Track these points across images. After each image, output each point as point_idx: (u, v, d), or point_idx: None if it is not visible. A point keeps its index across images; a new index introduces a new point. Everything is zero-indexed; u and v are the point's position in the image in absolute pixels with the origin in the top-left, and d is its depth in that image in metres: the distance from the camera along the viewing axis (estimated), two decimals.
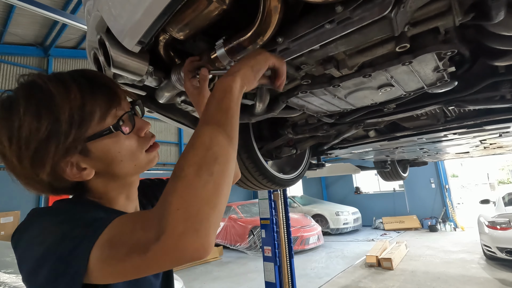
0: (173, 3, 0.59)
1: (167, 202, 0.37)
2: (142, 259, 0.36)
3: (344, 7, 0.56)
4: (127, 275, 0.40)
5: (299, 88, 0.87)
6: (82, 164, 0.51)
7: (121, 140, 0.54)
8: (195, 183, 0.38)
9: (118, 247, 0.38)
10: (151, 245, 0.36)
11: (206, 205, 0.37)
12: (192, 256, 0.36)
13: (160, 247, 0.35)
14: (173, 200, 0.37)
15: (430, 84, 0.86)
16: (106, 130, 0.51)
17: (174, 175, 0.41)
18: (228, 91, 0.49)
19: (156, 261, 0.36)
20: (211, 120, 0.45)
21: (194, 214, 0.36)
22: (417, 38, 0.67)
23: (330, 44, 0.66)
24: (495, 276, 4.78)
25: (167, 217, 0.36)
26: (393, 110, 1.17)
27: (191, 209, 0.36)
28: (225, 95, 0.48)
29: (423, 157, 3.19)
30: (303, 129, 1.43)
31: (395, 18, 0.55)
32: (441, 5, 0.58)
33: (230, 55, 0.72)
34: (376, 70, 0.74)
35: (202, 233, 0.36)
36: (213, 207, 0.38)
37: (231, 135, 0.44)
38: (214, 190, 0.39)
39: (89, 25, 0.82)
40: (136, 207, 0.66)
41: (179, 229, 0.35)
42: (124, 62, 0.75)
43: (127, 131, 0.54)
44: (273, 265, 3.18)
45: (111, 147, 0.53)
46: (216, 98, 0.49)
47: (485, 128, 1.47)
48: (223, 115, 0.46)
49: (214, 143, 0.42)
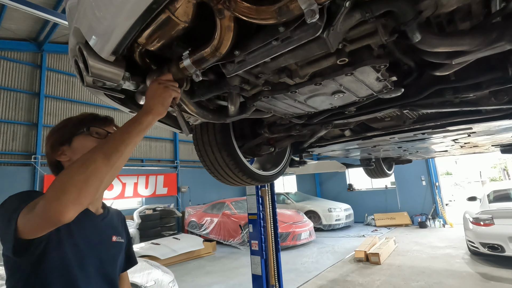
0: (138, 22, 0.68)
1: (53, 184, 0.61)
2: (34, 216, 0.61)
3: (285, 27, 0.66)
4: (36, 228, 0.63)
5: (261, 93, 0.97)
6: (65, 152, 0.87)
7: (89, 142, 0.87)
8: (71, 174, 0.61)
9: (28, 210, 0.63)
10: (38, 206, 0.61)
11: (73, 188, 0.59)
12: (54, 213, 0.58)
13: (40, 206, 0.60)
14: (55, 182, 0.61)
15: (378, 91, 0.96)
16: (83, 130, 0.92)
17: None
18: (139, 123, 0.72)
19: (40, 216, 0.60)
20: (115, 135, 0.70)
21: (61, 190, 0.59)
22: (355, 53, 0.77)
23: (279, 57, 0.76)
24: (477, 270, 4.95)
25: (48, 190, 0.60)
26: (354, 113, 1.28)
27: (61, 187, 0.59)
28: (133, 127, 0.71)
29: (405, 155, 3.31)
30: (278, 129, 1.53)
31: (328, 38, 0.65)
32: (368, 27, 0.68)
33: (195, 65, 0.82)
34: (325, 79, 0.84)
35: (65, 202, 0.58)
36: (76, 191, 0.59)
37: (111, 159, 0.65)
38: (79, 183, 0.60)
39: (70, 35, 0.91)
40: (98, 209, 0.91)
41: (49, 195, 0.59)
42: (101, 69, 0.84)
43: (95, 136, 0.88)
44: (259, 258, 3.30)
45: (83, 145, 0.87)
46: (131, 120, 0.73)
47: (448, 128, 1.58)
48: (115, 144, 0.68)
49: (100, 151, 0.66)
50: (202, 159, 1.73)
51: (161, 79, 0.80)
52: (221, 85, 0.93)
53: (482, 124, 1.46)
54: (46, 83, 8.96)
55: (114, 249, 0.90)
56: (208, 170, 1.77)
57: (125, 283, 1.02)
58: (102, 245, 0.87)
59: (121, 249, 0.94)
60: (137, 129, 0.71)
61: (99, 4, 0.71)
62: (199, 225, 9.25)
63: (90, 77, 0.88)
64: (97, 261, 0.83)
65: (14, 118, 8.20)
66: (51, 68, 9.18)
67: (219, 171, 1.74)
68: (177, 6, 0.68)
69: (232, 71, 0.81)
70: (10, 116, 8.14)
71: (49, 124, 8.76)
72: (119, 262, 0.92)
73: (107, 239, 0.89)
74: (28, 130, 8.40)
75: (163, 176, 11.06)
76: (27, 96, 8.55)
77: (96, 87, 0.96)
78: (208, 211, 9.31)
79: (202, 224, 9.14)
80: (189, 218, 9.80)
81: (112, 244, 0.89)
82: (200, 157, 1.74)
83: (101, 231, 0.89)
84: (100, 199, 0.94)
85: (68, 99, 9.38)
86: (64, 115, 9.20)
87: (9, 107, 8.16)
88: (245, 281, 5.15)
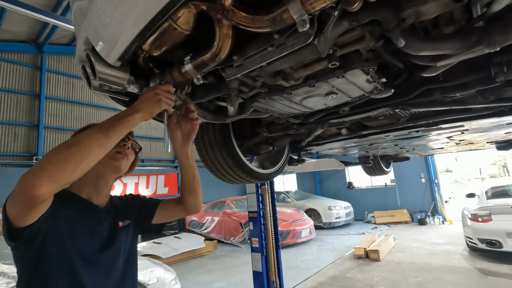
0: (144, 31, 0.74)
1: (36, 162, 0.67)
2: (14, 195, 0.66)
3: (279, 35, 0.71)
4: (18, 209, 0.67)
5: (259, 95, 1.02)
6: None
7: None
8: (52, 153, 0.66)
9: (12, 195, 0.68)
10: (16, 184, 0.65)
11: (50, 164, 0.64)
12: (27, 186, 0.62)
13: (19, 182, 0.63)
14: (38, 161, 0.66)
15: (370, 92, 1.01)
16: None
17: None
18: (126, 120, 0.77)
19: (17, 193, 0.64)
20: (101, 125, 0.74)
21: (39, 166, 0.64)
22: (345, 57, 0.83)
23: (275, 62, 0.81)
24: (475, 266, 5.01)
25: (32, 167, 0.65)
26: (348, 112, 1.33)
27: (40, 164, 0.64)
28: (119, 122, 0.76)
29: (402, 152, 3.36)
30: (276, 128, 1.58)
31: (319, 44, 0.70)
32: (356, 34, 0.73)
33: (197, 70, 0.87)
34: (318, 81, 0.89)
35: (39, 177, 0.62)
36: (53, 168, 0.64)
37: (92, 147, 0.69)
38: (58, 161, 0.65)
39: (77, 42, 0.96)
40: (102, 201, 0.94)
41: (28, 171, 0.63)
42: (108, 74, 0.89)
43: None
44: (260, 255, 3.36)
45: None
46: (119, 115, 0.78)
47: (441, 126, 1.63)
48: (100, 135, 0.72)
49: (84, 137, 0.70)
50: (202, 158, 1.79)
51: (160, 89, 0.84)
52: (221, 88, 0.98)
53: (473, 121, 1.51)
54: (47, 84, 9.01)
55: (121, 234, 0.93)
56: (209, 169, 1.83)
57: (170, 202, 1.09)
58: (107, 235, 0.90)
59: (129, 229, 0.98)
60: (122, 125, 0.76)
61: (107, 13, 0.76)
62: (200, 224, 9.31)
63: (97, 82, 0.94)
64: (102, 252, 0.86)
65: (15, 120, 8.25)
66: (51, 69, 9.23)
67: (220, 169, 1.79)
68: (179, 16, 0.73)
69: (231, 74, 0.86)
70: (11, 117, 8.20)
71: (50, 126, 8.81)
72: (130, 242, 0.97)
73: (113, 227, 0.93)
74: (29, 132, 8.45)
75: (163, 176, 11.13)
76: (28, 97, 8.60)
77: (102, 90, 1.02)
78: (208, 210, 9.37)
79: (203, 223, 9.20)
80: (190, 217, 9.86)
81: (118, 230, 0.93)
82: (200, 156, 1.79)
83: (105, 221, 0.92)
84: (103, 193, 0.96)
85: (68, 100, 9.43)
86: (64, 116, 9.26)
87: (10, 108, 8.22)
88: (246, 278, 5.20)
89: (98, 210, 0.92)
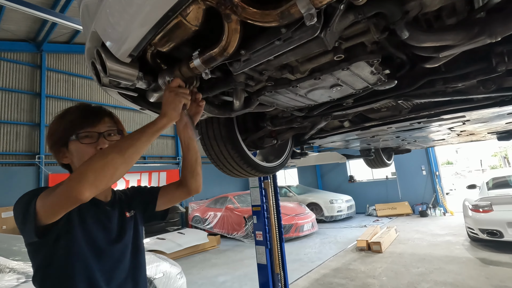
0: (155, 27, 0.76)
1: (76, 170, 0.73)
2: (54, 196, 0.71)
3: (287, 29, 0.73)
4: (54, 207, 0.72)
5: (265, 88, 1.05)
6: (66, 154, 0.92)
7: (82, 147, 0.90)
8: (90, 162, 0.73)
9: (46, 194, 0.74)
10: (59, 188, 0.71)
11: (91, 173, 0.70)
12: (74, 192, 0.68)
13: (63, 186, 0.70)
14: (78, 169, 0.72)
15: (373, 84, 1.04)
16: (73, 137, 0.90)
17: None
18: (154, 124, 0.84)
19: (61, 195, 0.70)
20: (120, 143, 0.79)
21: (81, 174, 0.70)
22: (350, 49, 0.85)
23: (282, 56, 0.83)
24: (477, 255, 5.07)
25: (71, 175, 0.72)
26: (352, 105, 1.35)
27: (82, 172, 0.70)
28: (149, 127, 0.83)
29: (403, 144, 3.39)
30: (280, 121, 1.61)
31: (325, 37, 0.72)
32: (361, 27, 0.75)
33: (205, 65, 0.89)
34: (323, 74, 0.92)
35: (83, 184, 0.68)
36: (93, 175, 0.70)
37: (126, 153, 0.76)
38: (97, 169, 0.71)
39: (87, 39, 0.98)
40: (106, 196, 0.98)
41: (72, 178, 0.70)
42: (117, 71, 0.91)
43: (86, 141, 0.91)
44: (264, 248, 3.41)
45: (78, 149, 0.90)
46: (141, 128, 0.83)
47: (442, 117, 1.65)
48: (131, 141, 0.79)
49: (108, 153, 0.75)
50: (207, 152, 1.81)
51: (171, 87, 0.89)
52: (228, 82, 1.01)
53: (474, 112, 1.53)
54: (47, 83, 9.01)
55: (129, 225, 0.98)
56: (214, 163, 1.85)
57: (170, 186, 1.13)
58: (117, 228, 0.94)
59: (136, 219, 1.02)
60: (152, 130, 0.83)
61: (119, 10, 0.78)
62: (203, 220, 9.38)
63: (107, 78, 0.96)
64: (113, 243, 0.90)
65: (17, 119, 8.28)
66: (51, 68, 9.22)
67: (225, 163, 1.82)
68: (189, 12, 0.75)
69: (238, 69, 0.88)
70: (13, 117, 8.22)
71: None
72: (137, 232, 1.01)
73: (121, 219, 0.97)
74: (31, 131, 8.49)
75: (165, 172, 11.18)
76: (29, 96, 8.62)
77: (112, 86, 1.04)
78: (211, 206, 9.44)
79: (206, 219, 9.28)
80: (193, 213, 9.94)
81: (126, 221, 0.97)
82: (205, 151, 1.82)
83: (113, 215, 0.95)
84: (109, 188, 1.01)
85: (69, 99, 9.44)
86: None
87: (11, 108, 8.24)
88: (250, 272, 5.28)
89: (104, 204, 0.96)
